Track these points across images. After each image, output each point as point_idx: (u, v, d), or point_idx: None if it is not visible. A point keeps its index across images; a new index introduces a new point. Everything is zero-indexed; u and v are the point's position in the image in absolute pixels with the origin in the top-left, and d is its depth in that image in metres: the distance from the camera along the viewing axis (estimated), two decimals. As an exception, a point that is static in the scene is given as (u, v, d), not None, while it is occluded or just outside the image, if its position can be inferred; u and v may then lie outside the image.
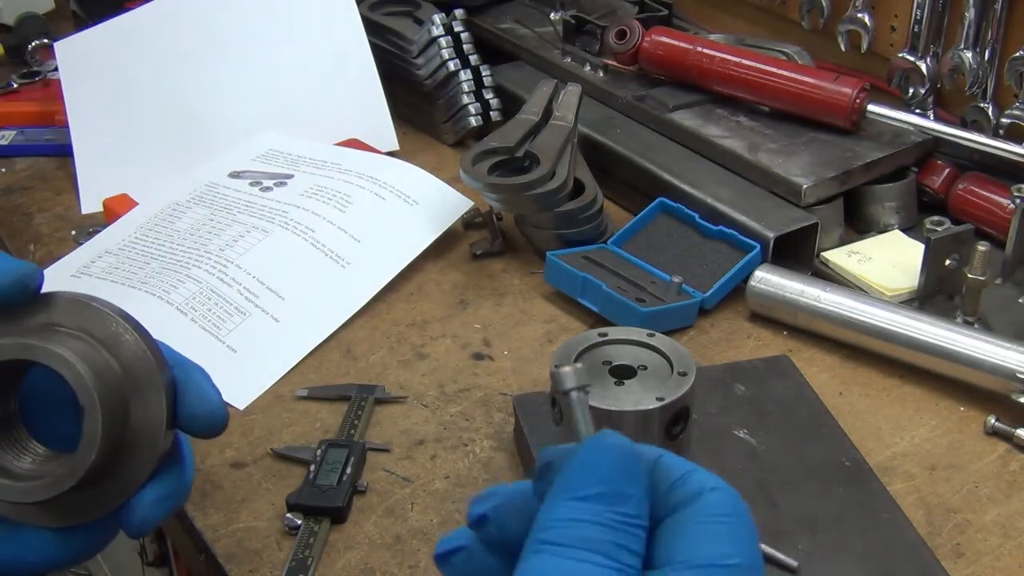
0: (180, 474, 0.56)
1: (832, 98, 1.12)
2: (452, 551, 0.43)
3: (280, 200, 1.13)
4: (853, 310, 0.97)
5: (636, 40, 1.23)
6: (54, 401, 0.54)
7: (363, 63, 1.31)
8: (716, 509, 0.40)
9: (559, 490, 0.39)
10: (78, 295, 0.54)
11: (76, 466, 0.50)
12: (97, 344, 0.52)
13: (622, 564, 0.38)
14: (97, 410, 0.50)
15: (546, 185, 1.05)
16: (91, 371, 0.50)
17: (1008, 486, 0.85)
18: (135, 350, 0.53)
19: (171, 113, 1.28)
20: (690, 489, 0.41)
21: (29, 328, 0.52)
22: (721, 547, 0.39)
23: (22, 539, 0.54)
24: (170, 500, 0.55)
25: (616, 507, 0.38)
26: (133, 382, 0.53)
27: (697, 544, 0.39)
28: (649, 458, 0.41)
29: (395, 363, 0.99)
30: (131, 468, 0.53)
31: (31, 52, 1.47)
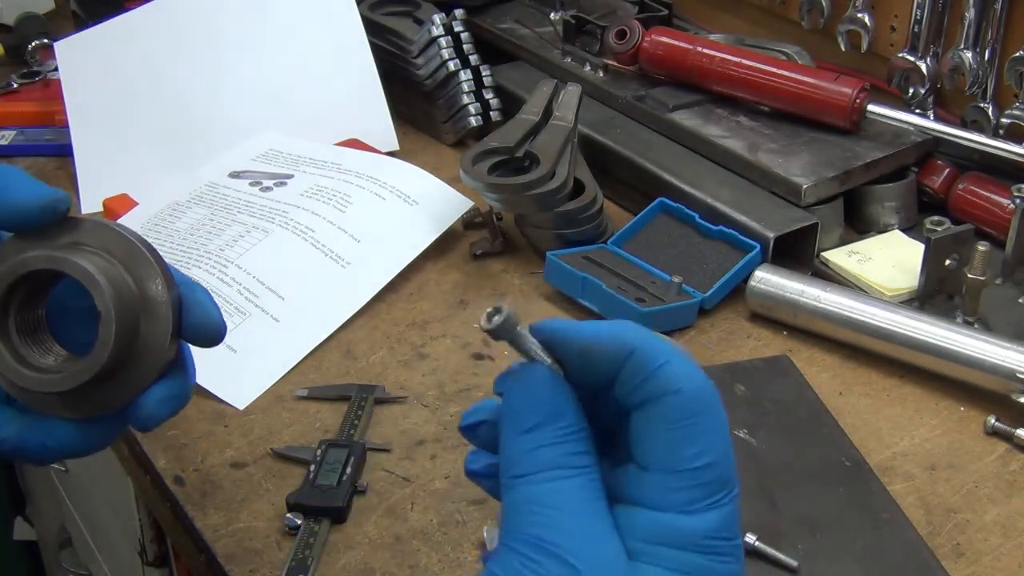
0: (183, 379, 0.62)
1: (832, 98, 1.12)
2: (477, 424, 0.49)
3: (280, 200, 1.13)
4: (853, 310, 0.97)
5: (636, 40, 1.23)
6: (77, 312, 0.61)
7: (363, 63, 1.31)
8: (682, 412, 0.44)
9: (508, 429, 0.46)
10: (102, 219, 0.61)
11: (92, 363, 0.57)
12: (116, 262, 0.59)
13: (579, 467, 0.44)
14: (112, 315, 0.57)
15: (546, 185, 1.05)
16: (109, 282, 0.57)
17: (1008, 486, 0.85)
18: (148, 269, 0.60)
19: (171, 113, 1.28)
20: (659, 385, 0.45)
21: (57, 245, 0.59)
22: (687, 449, 0.44)
23: (46, 428, 0.60)
24: (173, 401, 0.61)
25: (555, 427, 0.45)
26: (145, 296, 0.59)
27: (665, 449, 0.44)
28: (624, 351, 0.45)
29: (395, 363, 0.99)
30: (140, 370, 0.60)
31: (31, 52, 1.47)
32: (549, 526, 0.43)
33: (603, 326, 0.47)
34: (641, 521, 0.44)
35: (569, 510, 0.44)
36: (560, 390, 0.46)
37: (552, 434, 0.45)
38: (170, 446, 0.90)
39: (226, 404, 0.94)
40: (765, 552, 0.76)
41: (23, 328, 0.60)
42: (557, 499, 0.44)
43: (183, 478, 0.87)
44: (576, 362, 0.47)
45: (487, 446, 0.49)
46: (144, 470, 0.90)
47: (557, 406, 0.45)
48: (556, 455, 0.44)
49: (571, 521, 0.43)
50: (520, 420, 0.46)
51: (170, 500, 0.86)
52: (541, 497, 0.44)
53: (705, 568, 0.44)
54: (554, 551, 0.43)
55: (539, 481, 0.44)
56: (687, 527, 0.44)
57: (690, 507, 0.44)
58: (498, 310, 0.46)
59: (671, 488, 0.44)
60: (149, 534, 1.23)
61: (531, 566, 0.43)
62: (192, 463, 0.88)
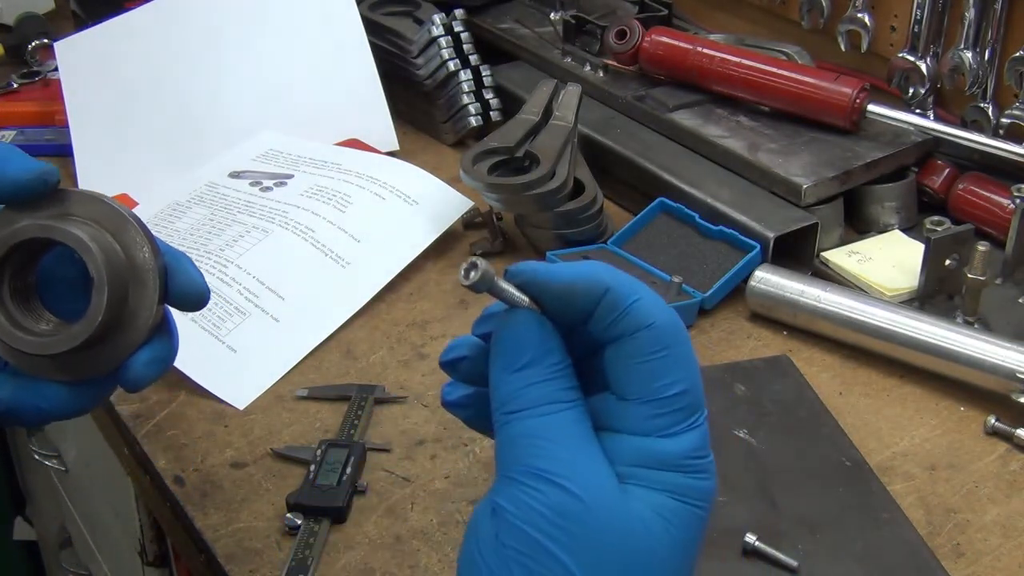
0: (168, 342, 0.65)
1: (832, 98, 1.12)
2: (458, 359, 0.52)
3: (280, 200, 1.13)
4: (853, 310, 0.97)
5: (636, 40, 1.23)
6: (67, 280, 0.64)
7: (363, 63, 1.31)
8: (655, 344, 0.48)
9: (500, 368, 0.49)
10: (91, 192, 0.63)
11: (86, 326, 0.60)
12: (104, 231, 0.61)
13: (569, 401, 0.48)
14: (104, 281, 0.59)
15: (546, 185, 1.05)
16: (100, 249, 0.60)
17: (1008, 486, 0.85)
18: (136, 238, 0.62)
19: (171, 113, 1.28)
20: (633, 321, 0.48)
21: (49, 215, 0.61)
22: (662, 379, 0.48)
23: (38, 390, 0.63)
24: (159, 363, 0.64)
25: (544, 364, 0.48)
26: (133, 263, 0.62)
27: (642, 380, 0.48)
28: (599, 290, 0.48)
29: (395, 363, 0.99)
30: (129, 334, 0.62)
31: (31, 52, 1.47)
32: (546, 456, 0.46)
33: (578, 267, 0.50)
34: (625, 447, 0.48)
35: (563, 441, 0.47)
36: (547, 330, 0.49)
37: (542, 372, 0.48)
38: (170, 446, 0.90)
39: (226, 404, 0.94)
40: (765, 552, 0.76)
41: (16, 295, 0.62)
42: (551, 432, 0.47)
43: (183, 478, 0.87)
44: (553, 302, 0.50)
45: (468, 379, 0.53)
46: (144, 470, 0.90)
47: (545, 345, 0.49)
48: (547, 391, 0.48)
49: (566, 451, 0.47)
50: (511, 360, 0.49)
51: (170, 500, 0.86)
52: (536, 430, 0.47)
53: (686, 485, 0.48)
54: (553, 479, 0.46)
55: (533, 416, 0.47)
56: (668, 449, 0.48)
57: (669, 431, 0.48)
58: (474, 265, 0.48)
59: (651, 415, 0.48)
60: (149, 534, 1.23)
61: (532, 494, 0.46)
62: (192, 463, 0.88)
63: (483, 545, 0.47)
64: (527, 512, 0.46)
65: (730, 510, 0.80)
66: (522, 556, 0.45)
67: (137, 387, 0.63)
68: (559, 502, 0.46)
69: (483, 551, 0.47)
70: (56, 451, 1.60)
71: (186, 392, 0.95)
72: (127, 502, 1.24)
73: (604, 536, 0.46)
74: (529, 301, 0.50)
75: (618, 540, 0.46)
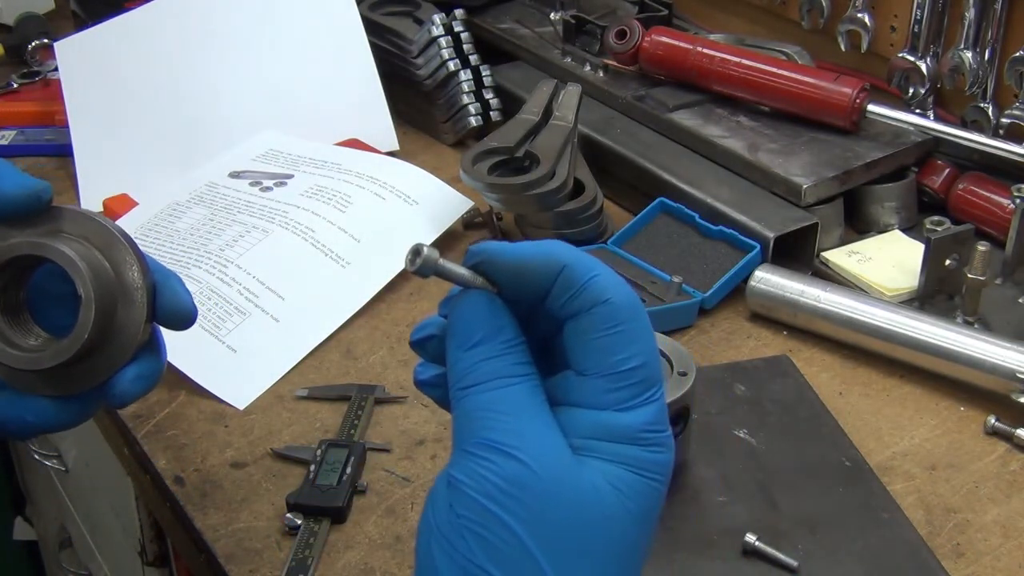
0: (156, 360, 0.66)
1: (832, 98, 1.12)
2: (426, 338, 0.54)
3: (280, 200, 1.13)
4: (853, 310, 0.97)
5: (636, 40, 1.23)
6: (57, 296, 0.64)
7: (363, 63, 1.31)
8: (612, 319, 0.49)
9: (455, 345, 0.50)
10: (82, 209, 0.64)
11: (73, 343, 0.61)
12: (95, 249, 0.62)
13: (521, 375, 0.49)
14: (92, 298, 0.60)
15: (546, 185, 1.05)
16: (89, 267, 0.60)
17: (1008, 486, 0.85)
18: (125, 256, 0.63)
19: (171, 113, 1.28)
20: (590, 297, 0.49)
21: (40, 232, 0.62)
22: (619, 354, 0.48)
23: (26, 404, 0.64)
24: (146, 380, 0.65)
25: (496, 341, 0.49)
26: (122, 281, 0.63)
27: (599, 354, 0.49)
28: (555, 267, 0.49)
29: (395, 363, 0.99)
30: (116, 351, 0.63)
31: (31, 52, 1.47)
32: (499, 429, 0.47)
33: (534, 245, 0.50)
34: (581, 420, 0.49)
35: (515, 413, 0.48)
36: (497, 307, 0.50)
37: (494, 348, 0.49)
38: (170, 446, 0.90)
39: (226, 404, 0.94)
40: (765, 552, 0.76)
41: (6, 310, 0.63)
42: (503, 405, 0.48)
43: (183, 478, 0.87)
44: (510, 280, 0.50)
45: (436, 359, 0.54)
46: (144, 470, 0.90)
47: (496, 322, 0.50)
48: (500, 366, 0.49)
49: (518, 423, 0.48)
50: (464, 338, 0.50)
51: (170, 500, 0.86)
52: (489, 404, 0.48)
53: (641, 458, 0.48)
54: (506, 450, 0.47)
55: (486, 390, 0.48)
56: (624, 422, 0.48)
57: (625, 404, 0.49)
58: (417, 251, 0.49)
59: (607, 389, 0.49)
60: (149, 534, 1.23)
61: (486, 465, 0.47)
62: (192, 463, 0.88)
63: (439, 515, 0.48)
64: (479, 482, 0.47)
65: (730, 510, 0.80)
66: (475, 525, 0.46)
67: (123, 403, 0.64)
68: (510, 472, 0.46)
69: (439, 521, 0.48)
70: (56, 451, 1.60)
71: (186, 392, 0.95)
72: (127, 502, 1.24)
73: (556, 505, 0.47)
74: (483, 281, 0.51)
75: (570, 509, 0.47)
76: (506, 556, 0.46)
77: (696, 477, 0.83)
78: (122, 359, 0.63)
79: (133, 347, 0.63)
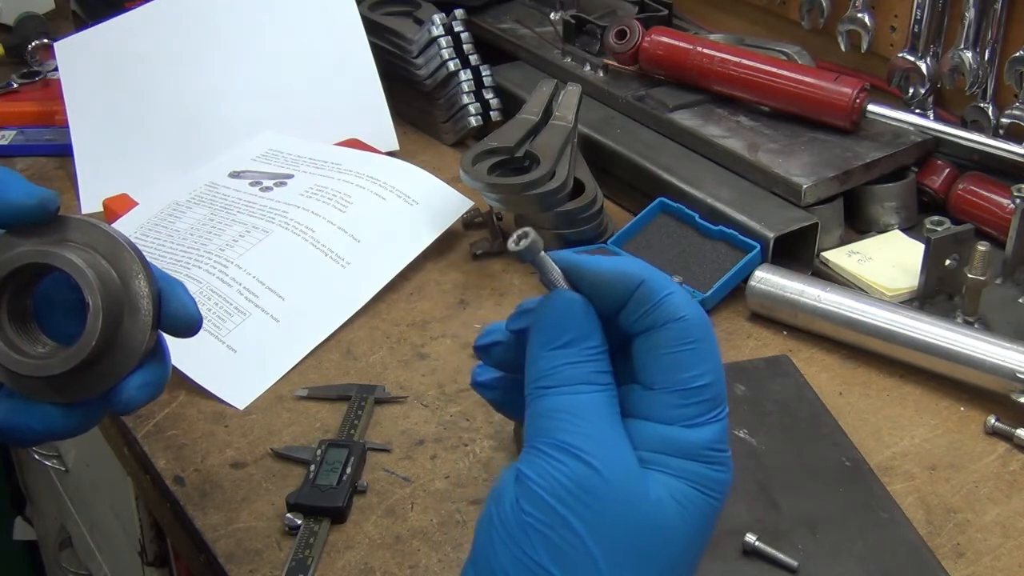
0: (161, 367, 0.66)
1: (832, 98, 1.12)
2: (491, 344, 0.54)
3: (280, 200, 1.13)
4: (853, 310, 0.97)
5: (636, 40, 1.23)
6: (64, 304, 0.65)
7: (363, 63, 1.31)
8: (685, 336, 0.50)
9: (539, 343, 0.51)
10: (88, 218, 0.64)
11: (80, 350, 0.61)
12: (101, 257, 0.63)
13: (602, 384, 0.50)
14: (99, 306, 0.61)
15: (546, 185, 1.05)
16: (96, 275, 0.61)
17: (1008, 486, 0.85)
18: (131, 265, 0.64)
19: (171, 113, 1.28)
20: (664, 314, 0.50)
21: (47, 241, 0.63)
22: (690, 371, 0.49)
23: (32, 411, 0.65)
24: (152, 387, 0.65)
25: (584, 345, 0.50)
26: (128, 289, 0.63)
27: (670, 370, 0.49)
28: (634, 282, 0.50)
29: (395, 363, 0.99)
30: (122, 358, 0.64)
31: (31, 52, 1.47)
32: (574, 432, 0.48)
33: (613, 260, 0.51)
34: (649, 433, 0.49)
35: (592, 420, 0.48)
36: (591, 313, 0.51)
37: (581, 352, 0.50)
38: (170, 446, 0.90)
39: (226, 404, 0.94)
40: (765, 552, 0.76)
41: (13, 318, 0.64)
42: (581, 409, 0.49)
43: (183, 478, 0.87)
44: (590, 290, 0.51)
45: (499, 365, 0.55)
46: (144, 470, 0.90)
47: (587, 327, 0.50)
48: (583, 372, 0.49)
49: (593, 429, 0.48)
50: (552, 337, 0.50)
51: (170, 500, 0.86)
52: (568, 407, 0.49)
53: (704, 475, 0.49)
54: (577, 452, 0.47)
55: (567, 393, 0.49)
56: (690, 439, 0.49)
57: (692, 421, 0.49)
58: (525, 234, 0.50)
59: (676, 405, 0.49)
60: (149, 534, 1.23)
61: (556, 464, 0.47)
62: (192, 463, 0.88)
63: (503, 510, 0.48)
64: (549, 481, 0.47)
65: (730, 510, 0.80)
66: (540, 523, 0.47)
67: (128, 410, 0.65)
68: (580, 475, 0.47)
69: (503, 516, 0.48)
70: (56, 451, 1.60)
71: (186, 392, 0.95)
72: (127, 502, 1.24)
73: (620, 512, 0.47)
74: (567, 285, 0.51)
75: (633, 518, 0.47)
76: (568, 557, 0.47)
77: (696, 477, 0.83)
78: (128, 366, 0.64)
79: (139, 355, 0.64)
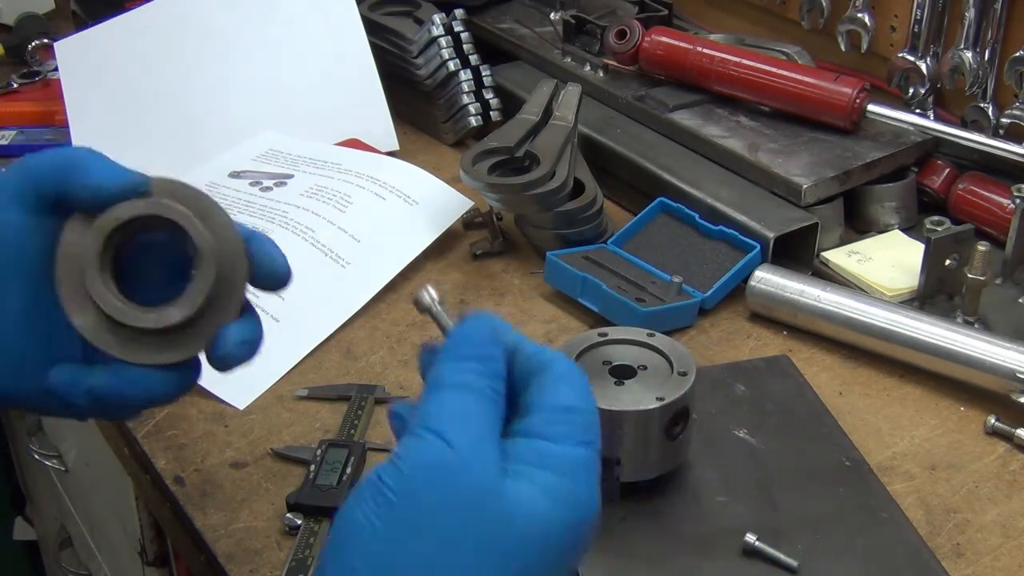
0: (257, 325, 0.65)
1: (832, 98, 1.12)
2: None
3: (280, 200, 1.13)
4: (853, 310, 0.97)
5: (636, 40, 1.23)
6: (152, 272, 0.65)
7: (363, 63, 1.31)
8: (559, 372, 0.55)
9: (447, 354, 0.55)
10: (172, 180, 0.64)
11: (195, 296, 0.61)
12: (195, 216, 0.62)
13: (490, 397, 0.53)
14: (211, 252, 0.61)
15: (546, 185, 1.05)
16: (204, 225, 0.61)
17: (1008, 486, 0.85)
18: (222, 218, 0.63)
19: (171, 113, 1.27)
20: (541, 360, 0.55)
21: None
22: (566, 399, 0.54)
23: (126, 375, 0.63)
24: (250, 344, 0.64)
25: (484, 363, 0.54)
26: (222, 246, 0.63)
27: (548, 397, 0.54)
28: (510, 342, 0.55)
29: (395, 363, 0.99)
30: (221, 312, 0.63)
31: (31, 52, 1.47)
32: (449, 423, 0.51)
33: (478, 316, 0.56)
34: (519, 447, 0.52)
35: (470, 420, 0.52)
36: (496, 340, 0.55)
37: (480, 366, 0.53)
38: (170, 446, 0.90)
39: (226, 404, 0.94)
40: (765, 552, 0.76)
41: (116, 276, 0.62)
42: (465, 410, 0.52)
43: (183, 478, 0.87)
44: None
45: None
46: (144, 470, 0.90)
47: (491, 350, 0.54)
48: (477, 382, 0.53)
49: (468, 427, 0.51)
50: (459, 351, 0.54)
51: (170, 500, 0.86)
52: (452, 403, 0.52)
53: (565, 489, 0.51)
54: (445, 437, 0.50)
55: (456, 392, 0.52)
56: (554, 452, 0.52)
57: (562, 439, 0.52)
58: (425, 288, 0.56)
59: (547, 421, 0.53)
60: (149, 534, 1.23)
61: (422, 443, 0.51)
62: (192, 463, 0.88)
63: (364, 481, 0.50)
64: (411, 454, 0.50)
65: (730, 510, 0.80)
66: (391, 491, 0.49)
67: (226, 366, 0.64)
68: (442, 454, 0.50)
69: (363, 483, 0.50)
70: (56, 451, 1.60)
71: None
72: (127, 502, 1.24)
73: (470, 498, 0.50)
74: None
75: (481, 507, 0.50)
76: (407, 526, 0.49)
77: (696, 477, 0.83)
78: (226, 321, 0.63)
79: (236, 310, 0.63)
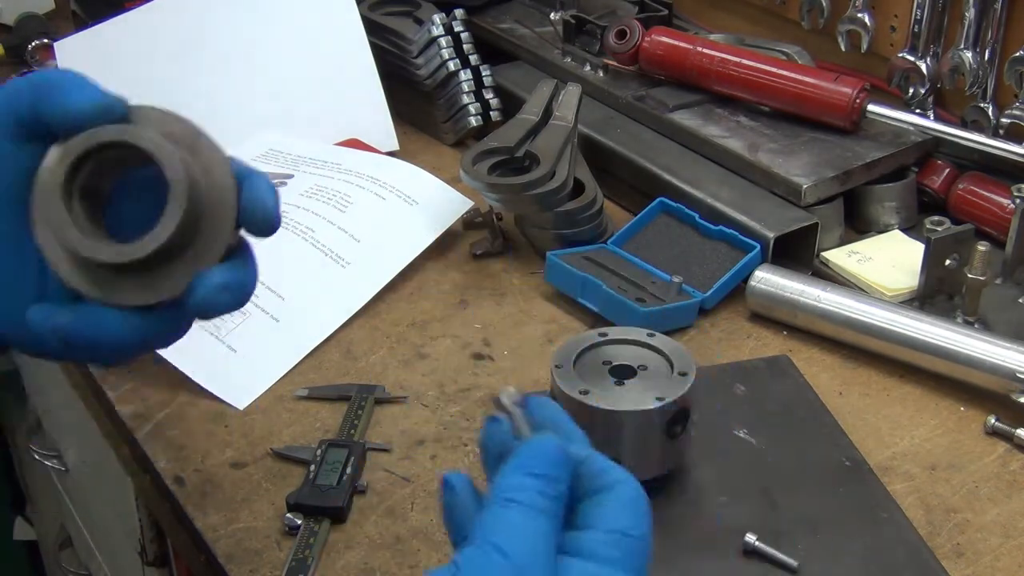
0: (244, 270, 0.60)
1: (832, 98, 1.12)
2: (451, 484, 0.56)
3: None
4: (853, 310, 0.97)
5: (636, 40, 1.23)
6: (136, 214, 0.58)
7: (363, 63, 1.31)
8: (625, 496, 0.54)
9: (517, 464, 0.53)
10: (166, 111, 0.59)
11: (162, 230, 0.56)
12: (180, 145, 0.58)
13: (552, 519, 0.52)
14: (184, 183, 0.56)
15: (546, 185, 1.05)
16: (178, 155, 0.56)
17: (1008, 486, 0.85)
18: (212, 153, 0.59)
19: (171, 113, 1.27)
20: (607, 480, 0.54)
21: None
22: (626, 522, 0.53)
23: (100, 317, 0.58)
24: (233, 291, 0.59)
25: (552, 484, 0.53)
26: (209, 179, 0.58)
27: (610, 519, 0.53)
28: (579, 455, 0.55)
29: (395, 363, 0.99)
30: (203, 252, 0.58)
31: (31, 52, 1.47)
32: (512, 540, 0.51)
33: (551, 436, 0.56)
34: (574, 567, 0.52)
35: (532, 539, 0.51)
36: (568, 461, 0.54)
37: (548, 486, 0.53)
38: (170, 446, 0.90)
39: (226, 404, 0.94)
40: (765, 552, 0.76)
41: (87, 211, 0.58)
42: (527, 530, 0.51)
43: (183, 478, 0.87)
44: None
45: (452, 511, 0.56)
46: (144, 470, 0.90)
47: (561, 472, 0.54)
48: (542, 502, 0.52)
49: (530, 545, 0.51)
50: (529, 464, 0.53)
51: (170, 500, 0.86)
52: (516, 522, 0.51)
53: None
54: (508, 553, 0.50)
55: (523, 512, 0.52)
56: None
57: (615, 564, 0.52)
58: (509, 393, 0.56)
59: (604, 543, 0.52)
60: (149, 534, 1.23)
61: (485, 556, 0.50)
62: (192, 463, 0.88)
63: None
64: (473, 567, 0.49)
65: (730, 510, 0.80)
66: None
67: (205, 313, 0.58)
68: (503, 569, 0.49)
69: None
70: (56, 451, 1.60)
71: (186, 392, 0.95)
72: (127, 502, 1.24)
73: None
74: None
75: None
76: None
77: (696, 477, 0.83)
78: (208, 263, 0.58)
79: (219, 251, 0.58)
